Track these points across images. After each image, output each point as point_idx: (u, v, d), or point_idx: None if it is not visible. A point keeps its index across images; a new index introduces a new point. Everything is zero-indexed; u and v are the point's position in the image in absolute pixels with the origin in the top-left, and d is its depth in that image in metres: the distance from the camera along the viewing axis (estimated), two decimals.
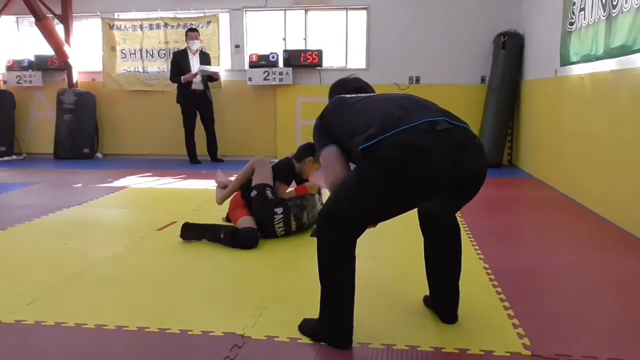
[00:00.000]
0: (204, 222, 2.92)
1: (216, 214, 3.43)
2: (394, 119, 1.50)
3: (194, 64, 6.00)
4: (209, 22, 6.50)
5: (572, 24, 3.96)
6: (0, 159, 6.63)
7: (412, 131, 1.47)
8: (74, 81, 6.79)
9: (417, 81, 6.24)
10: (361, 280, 1.73)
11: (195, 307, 2.00)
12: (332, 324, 1.67)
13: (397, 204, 1.55)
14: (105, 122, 6.99)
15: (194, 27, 6.25)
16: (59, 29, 6.63)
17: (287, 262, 2.55)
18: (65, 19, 6.69)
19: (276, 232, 2.87)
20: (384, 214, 1.61)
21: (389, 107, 1.57)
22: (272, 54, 6.30)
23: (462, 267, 1.84)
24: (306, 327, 1.76)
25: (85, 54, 6.93)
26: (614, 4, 3.14)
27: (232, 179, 3.22)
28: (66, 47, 6.59)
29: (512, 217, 3.59)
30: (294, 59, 6.25)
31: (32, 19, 6.43)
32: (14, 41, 7.22)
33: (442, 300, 1.86)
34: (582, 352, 1.64)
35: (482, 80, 6.11)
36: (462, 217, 3.25)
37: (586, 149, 3.70)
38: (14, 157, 6.84)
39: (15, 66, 6.94)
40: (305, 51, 6.27)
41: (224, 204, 3.23)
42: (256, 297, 2.08)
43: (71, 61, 6.68)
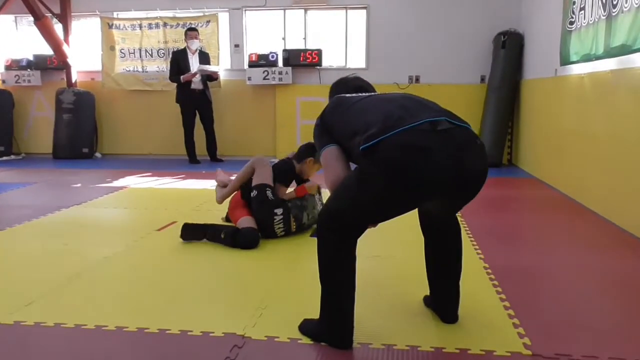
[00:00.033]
0: (204, 222, 2.91)
1: (216, 214, 3.43)
2: (394, 118, 1.50)
3: (194, 64, 5.99)
4: (208, 21, 6.49)
5: (572, 24, 3.96)
6: None
7: (412, 131, 1.46)
8: (73, 81, 6.78)
9: (417, 81, 6.24)
10: (361, 280, 1.73)
11: (195, 307, 2.00)
12: (333, 324, 1.67)
13: (397, 204, 1.54)
14: (104, 121, 6.98)
15: (193, 26, 6.24)
16: (58, 28, 6.62)
17: (287, 262, 2.55)
18: (64, 18, 6.68)
19: (276, 233, 2.87)
20: (385, 214, 1.61)
21: (389, 107, 1.56)
22: (271, 53, 6.30)
23: (463, 267, 1.84)
24: (306, 328, 1.76)
25: (84, 54, 6.92)
26: (614, 3, 3.13)
27: (233, 178, 3.21)
28: (65, 47, 6.57)
29: (512, 216, 3.59)
30: (293, 58, 6.24)
31: (30, 18, 6.41)
32: (12, 40, 7.21)
33: (443, 300, 1.86)
34: (583, 351, 1.64)
35: (482, 79, 6.10)
36: (462, 216, 3.25)
37: (586, 149, 3.70)
38: (12, 157, 6.83)
39: (14, 65, 6.93)
40: (304, 51, 6.26)
41: (224, 203, 3.23)
42: (256, 297, 2.07)
43: (70, 61, 6.66)
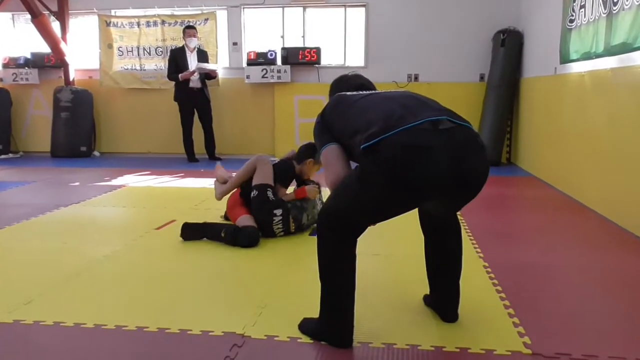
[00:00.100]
0: (203, 221, 2.91)
1: (215, 213, 3.42)
2: (395, 117, 1.49)
3: (192, 62, 5.97)
4: (206, 19, 6.47)
5: (572, 21, 3.95)
6: None
7: (414, 130, 1.45)
8: (71, 79, 6.75)
9: (416, 79, 6.23)
10: (361, 279, 1.72)
11: (194, 306, 1.99)
12: (333, 323, 1.66)
13: (398, 203, 1.54)
14: (102, 120, 6.95)
15: (191, 24, 6.22)
16: (55, 26, 6.59)
17: (287, 261, 2.54)
18: (61, 16, 6.65)
19: (275, 233, 2.86)
20: (385, 214, 1.60)
21: (391, 106, 1.56)
22: (270, 51, 6.28)
23: (462, 266, 1.84)
24: (306, 327, 1.76)
25: (81, 52, 6.89)
26: (615, 1, 3.13)
27: (233, 175, 3.19)
28: (62, 45, 6.55)
29: (511, 215, 3.58)
30: (292, 56, 6.23)
31: (28, 16, 6.39)
32: (10, 38, 7.18)
33: (443, 299, 1.86)
34: (583, 350, 1.64)
35: (481, 78, 6.10)
36: (461, 215, 3.24)
37: (586, 147, 3.70)
38: (10, 155, 6.80)
39: (11, 63, 6.91)
40: (303, 49, 6.25)
41: (223, 199, 3.21)
42: (256, 296, 2.07)
43: (68, 59, 6.64)
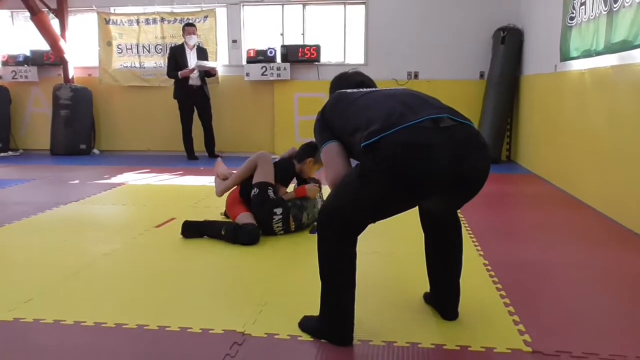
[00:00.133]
0: (203, 219, 2.91)
1: (215, 210, 3.42)
2: (396, 115, 1.48)
3: (191, 60, 5.96)
4: (206, 16, 6.46)
5: (572, 19, 3.94)
6: None
7: (414, 128, 1.45)
8: (70, 76, 6.74)
9: (416, 76, 6.22)
10: (361, 277, 1.72)
11: (194, 304, 1.99)
12: (333, 322, 1.66)
13: (398, 201, 1.53)
14: (101, 118, 6.94)
15: (191, 22, 6.20)
16: (55, 24, 6.57)
17: (287, 259, 2.54)
18: (60, 14, 6.62)
19: (275, 231, 2.86)
20: (385, 212, 1.60)
21: (391, 104, 1.55)
22: (269, 49, 6.27)
23: (462, 264, 1.84)
24: (307, 325, 1.75)
25: (81, 49, 6.87)
26: None
27: (234, 171, 3.18)
28: (62, 42, 6.53)
29: (511, 212, 3.58)
30: (291, 54, 6.22)
31: (27, 14, 6.36)
32: (9, 36, 7.16)
33: (443, 296, 1.86)
34: (583, 348, 1.64)
35: (481, 75, 6.09)
36: (461, 213, 3.24)
37: (585, 145, 3.70)
38: (10, 153, 6.80)
39: (10, 61, 6.89)
40: (303, 46, 6.24)
41: (223, 196, 3.20)
42: (256, 294, 2.07)
43: (67, 56, 6.62)
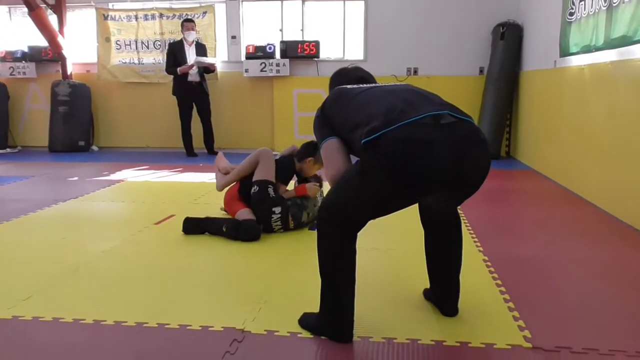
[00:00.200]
0: (203, 216, 2.91)
1: (214, 207, 3.41)
2: (397, 112, 1.47)
3: (190, 56, 5.94)
4: (204, 12, 6.43)
5: (572, 14, 3.93)
6: None
7: (415, 125, 1.44)
8: (68, 73, 6.71)
9: (415, 72, 6.20)
10: (361, 273, 1.72)
11: (194, 301, 1.99)
12: (333, 318, 1.66)
13: (398, 198, 1.53)
14: (100, 114, 6.92)
15: (189, 17, 6.17)
16: (53, 20, 6.53)
17: (287, 256, 2.54)
18: (58, 9, 6.59)
19: (273, 229, 2.85)
20: (386, 208, 1.59)
21: (392, 100, 1.54)
22: (268, 45, 6.25)
23: (462, 260, 1.83)
24: (306, 321, 1.75)
25: (79, 45, 6.84)
26: None
27: (234, 166, 3.16)
28: (60, 38, 6.50)
29: (510, 209, 3.58)
30: (291, 50, 6.20)
31: (25, 9, 6.33)
32: (6, 32, 7.13)
33: (443, 293, 1.86)
34: (583, 344, 1.65)
35: (481, 71, 6.08)
36: (460, 209, 3.24)
37: (585, 141, 3.69)
38: (8, 150, 6.78)
39: (8, 57, 6.86)
40: (302, 42, 6.21)
41: (222, 191, 3.19)
42: (256, 291, 2.06)
43: (65, 52, 6.59)
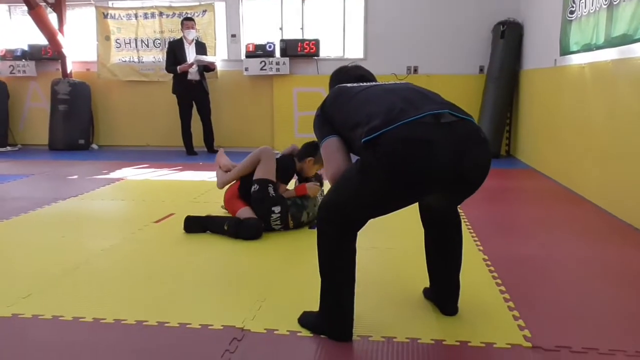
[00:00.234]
0: (203, 214, 2.90)
1: (214, 205, 3.41)
2: (397, 111, 1.47)
3: (190, 54, 5.93)
4: (204, 11, 6.42)
5: (572, 13, 3.92)
6: None
7: (415, 124, 1.44)
8: (68, 71, 6.70)
9: (415, 71, 6.19)
10: (360, 272, 1.71)
11: (194, 300, 1.99)
12: (333, 317, 1.66)
13: (398, 197, 1.53)
14: (100, 113, 6.92)
15: (189, 16, 6.16)
16: (52, 18, 6.53)
17: (287, 254, 2.54)
18: (58, 8, 6.58)
19: (273, 228, 2.85)
20: (386, 207, 1.59)
21: (392, 99, 1.54)
22: (268, 43, 6.24)
23: (462, 259, 1.83)
24: (306, 320, 1.75)
25: (79, 44, 6.83)
26: None
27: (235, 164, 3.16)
28: (60, 37, 6.49)
29: (510, 208, 3.58)
30: (290, 48, 6.19)
31: (24, 8, 6.31)
32: (6, 30, 7.12)
33: (443, 292, 1.86)
34: (583, 343, 1.64)
35: (481, 70, 6.07)
36: (460, 208, 3.23)
37: (585, 139, 3.69)
38: (8, 148, 6.77)
39: (8, 56, 6.85)
40: (302, 41, 6.21)
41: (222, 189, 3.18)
42: (256, 289, 2.06)
43: (65, 51, 6.58)
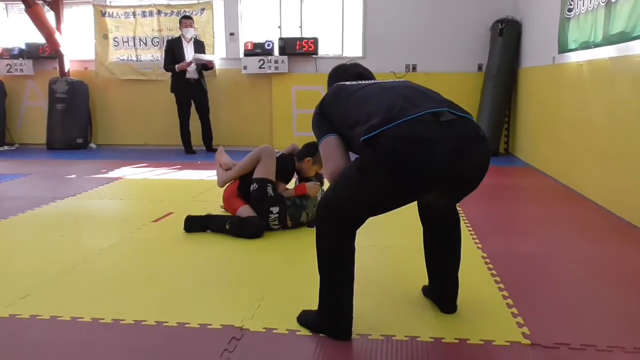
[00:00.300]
0: (202, 213, 2.90)
1: (213, 204, 3.41)
2: (396, 109, 1.47)
3: (188, 53, 5.91)
4: (202, 9, 6.40)
5: (570, 10, 3.92)
6: None
7: (414, 122, 1.44)
8: (66, 70, 6.68)
9: (414, 69, 6.19)
10: (359, 270, 1.71)
11: (192, 299, 1.99)
12: (332, 316, 1.66)
13: (398, 195, 1.52)
14: (98, 111, 6.90)
15: (188, 14, 6.15)
16: (50, 16, 6.50)
17: (286, 253, 2.54)
18: (55, 6, 6.55)
19: (272, 227, 2.85)
20: (385, 206, 1.59)
21: (391, 97, 1.54)
22: (267, 42, 6.23)
23: (461, 257, 1.83)
24: (305, 319, 1.75)
25: (77, 42, 6.81)
26: None
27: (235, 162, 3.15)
28: (57, 35, 6.47)
29: (509, 205, 3.58)
30: (289, 47, 6.18)
31: (21, 6, 6.29)
32: (3, 28, 7.09)
33: (442, 290, 1.86)
34: (582, 340, 1.65)
35: (479, 68, 6.07)
36: (459, 206, 3.21)
37: (584, 137, 3.69)
38: (5, 147, 6.76)
39: (5, 54, 6.83)
40: (300, 39, 6.20)
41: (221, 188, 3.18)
42: (254, 289, 2.06)
43: (62, 49, 6.56)
